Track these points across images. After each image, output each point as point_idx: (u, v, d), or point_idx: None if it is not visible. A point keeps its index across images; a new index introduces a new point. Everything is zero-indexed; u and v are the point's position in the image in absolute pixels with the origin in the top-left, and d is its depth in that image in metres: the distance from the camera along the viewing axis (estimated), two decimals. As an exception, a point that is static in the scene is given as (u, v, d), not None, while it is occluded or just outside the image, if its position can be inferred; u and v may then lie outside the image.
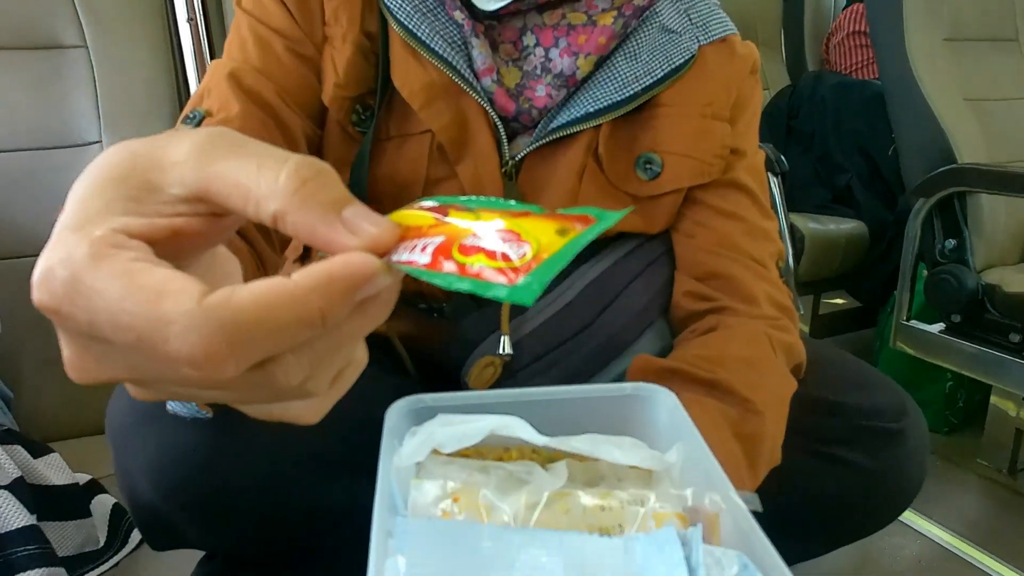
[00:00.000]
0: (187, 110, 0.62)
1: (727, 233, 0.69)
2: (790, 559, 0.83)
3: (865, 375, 0.72)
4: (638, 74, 0.64)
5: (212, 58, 1.37)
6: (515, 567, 0.27)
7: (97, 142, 1.14)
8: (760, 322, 0.66)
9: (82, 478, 0.84)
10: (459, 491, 0.34)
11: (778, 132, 2.07)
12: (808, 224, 1.80)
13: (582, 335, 0.67)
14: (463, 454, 0.39)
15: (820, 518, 0.69)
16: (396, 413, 0.39)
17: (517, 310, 0.68)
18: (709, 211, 0.70)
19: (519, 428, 0.37)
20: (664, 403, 0.44)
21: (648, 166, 0.67)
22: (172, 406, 0.50)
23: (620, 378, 0.64)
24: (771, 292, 0.69)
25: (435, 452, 0.37)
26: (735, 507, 0.35)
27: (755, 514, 0.59)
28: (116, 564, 0.77)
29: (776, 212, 0.84)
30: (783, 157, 1.52)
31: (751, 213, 0.70)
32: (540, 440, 0.37)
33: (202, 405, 0.48)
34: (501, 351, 0.65)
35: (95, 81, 1.15)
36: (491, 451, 0.40)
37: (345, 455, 0.55)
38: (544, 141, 0.65)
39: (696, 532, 0.29)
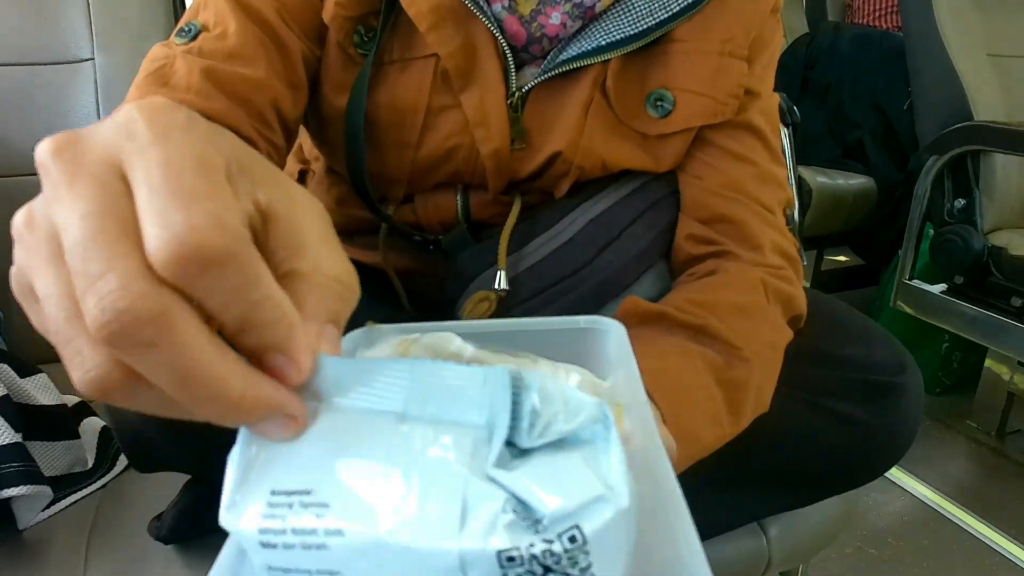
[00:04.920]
0: (183, 22, 0.60)
1: (736, 176, 0.67)
2: (774, 509, 0.84)
3: (865, 329, 0.71)
4: (653, 8, 0.61)
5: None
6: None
7: (90, 59, 1.10)
8: (760, 270, 0.65)
9: (71, 400, 0.83)
10: None
11: (792, 83, 2.02)
12: (816, 178, 1.77)
13: (581, 273, 0.65)
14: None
15: (808, 469, 0.69)
16: (351, 341, 0.38)
17: (515, 245, 0.66)
18: (719, 152, 0.67)
19: (450, 340, 0.36)
20: (613, 336, 0.43)
21: (659, 103, 0.64)
22: None
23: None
24: (777, 239, 0.67)
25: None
26: (649, 434, 0.34)
27: (737, 463, 0.59)
28: (104, 486, 0.77)
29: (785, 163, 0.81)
30: (795, 108, 1.48)
31: (762, 157, 0.68)
32: (469, 351, 0.36)
33: None
34: (497, 286, 0.64)
35: (88, -4, 1.11)
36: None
37: None
38: (553, 73, 0.62)
39: (537, 374, 0.25)
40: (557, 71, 0.62)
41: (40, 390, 0.77)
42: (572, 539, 0.22)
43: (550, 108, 0.64)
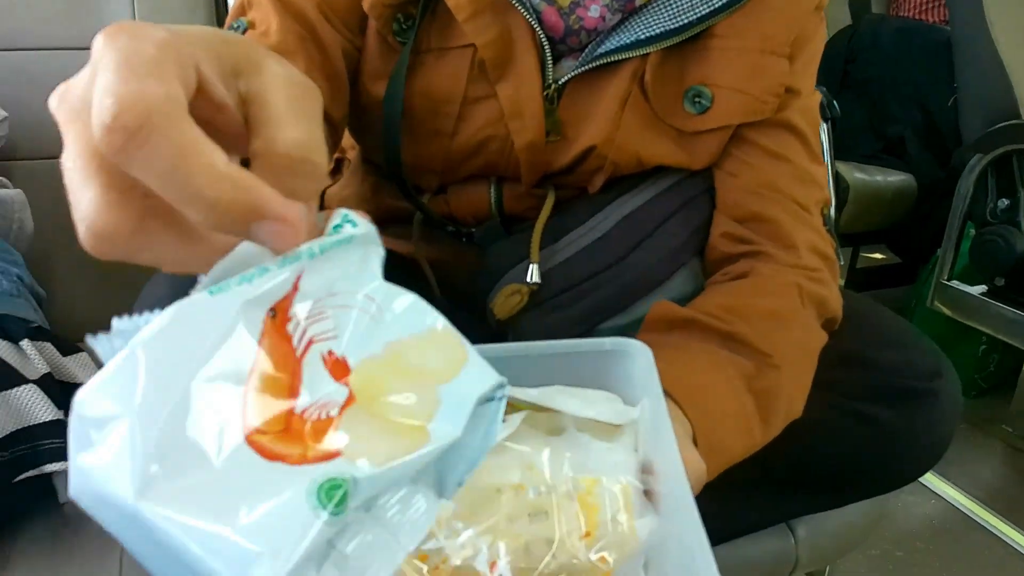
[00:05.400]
0: (231, 18, 0.61)
1: (773, 175, 0.66)
2: (803, 510, 0.83)
3: (901, 332, 0.70)
4: (694, 3, 0.60)
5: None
6: None
7: (132, 45, 1.13)
8: (795, 271, 0.64)
9: (109, 378, 0.85)
10: None
11: (833, 76, 1.98)
12: (854, 174, 1.73)
13: (613, 269, 0.65)
14: None
15: (840, 472, 0.68)
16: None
17: (549, 239, 0.66)
18: (756, 150, 0.66)
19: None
20: (639, 359, 0.42)
21: (697, 100, 0.64)
22: None
23: (643, 318, 0.62)
24: (813, 240, 0.66)
25: None
26: (674, 474, 0.35)
27: (766, 465, 0.58)
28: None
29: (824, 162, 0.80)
30: (835, 102, 1.45)
31: (800, 156, 0.67)
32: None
33: None
34: (529, 279, 0.64)
35: (131, -18, 1.13)
36: None
37: None
38: (590, 66, 0.62)
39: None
40: (595, 64, 0.61)
41: (81, 368, 0.79)
42: None
43: (586, 101, 0.63)
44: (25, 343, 0.72)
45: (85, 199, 0.21)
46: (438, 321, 0.26)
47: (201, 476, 0.21)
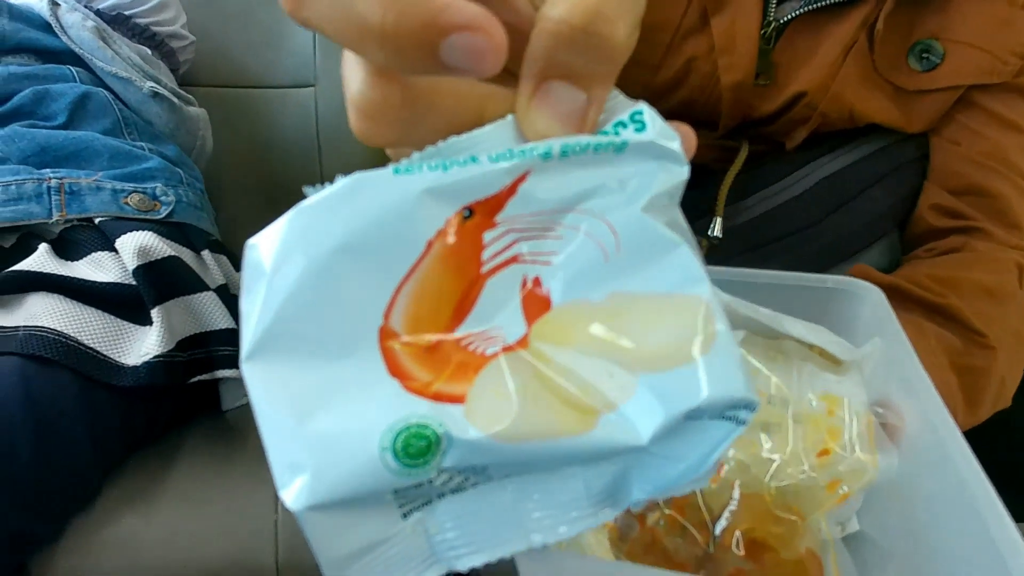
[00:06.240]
0: None
1: (1002, 145, 0.59)
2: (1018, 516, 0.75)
3: None
4: None
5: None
6: None
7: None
8: (1017, 252, 0.58)
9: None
10: None
11: None
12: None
13: (805, 233, 0.61)
14: None
15: None
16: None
17: (736, 194, 0.62)
18: (985, 116, 0.60)
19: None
20: (869, 300, 0.39)
21: (925, 55, 0.58)
22: None
23: None
24: (1040, 220, 0.60)
25: None
26: (939, 417, 0.30)
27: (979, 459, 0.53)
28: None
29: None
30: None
31: (1036, 127, 0.60)
32: (720, 297, 0.32)
33: None
34: (711, 233, 0.60)
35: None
36: None
37: None
38: (817, 5, 0.57)
39: None
40: (823, 2, 0.57)
41: (249, 285, 0.82)
42: None
43: (806, 45, 0.59)
44: (206, 253, 0.75)
45: (353, 82, 0.19)
46: (702, 289, 0.19)
47: (310, 363, 0.18)
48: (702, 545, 0.32)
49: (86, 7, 0.85)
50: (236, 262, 0.81)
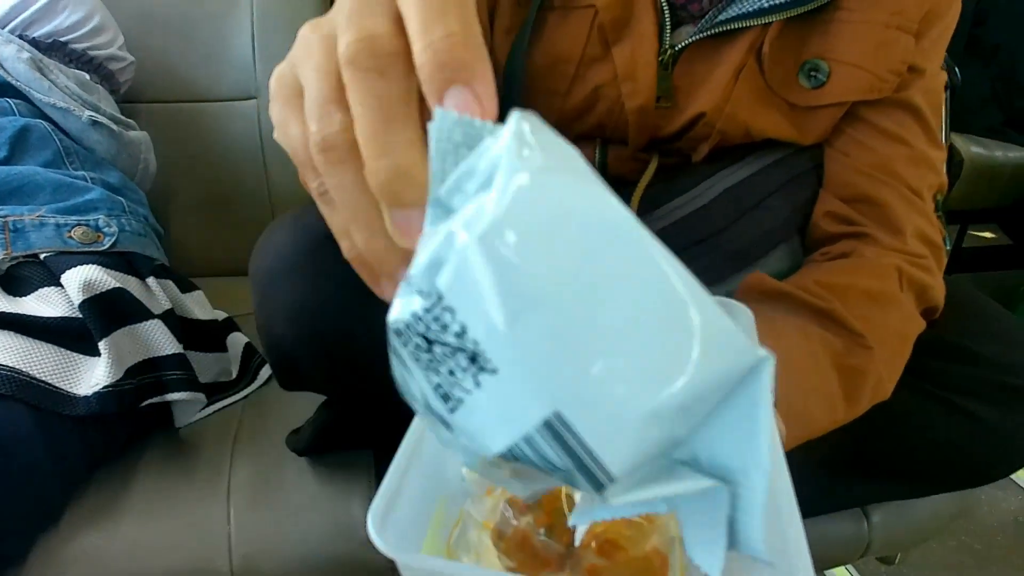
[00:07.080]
0: None
1: (887, 156, 0.64)
2: (882, 497, 0.81)
3: (1007, 328, 0.67)
4: None
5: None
6: None
7: (249, -8, 1.16)
8: (898, 256, 0.62)
9: (220, 315, 0.91)
10: None
11: (956, 40, 1.84)
12: (971, 148, 1.63)
13: (711, 241, 0.65)
14: None
15: (925, 463, 0.67)
16: None
17: (649, 205, 0.66)
18: (871, 130, 0.64)
19: None
20: (740, 320, 0.42)
21: (813, 74, 0.62)
22: None
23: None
24: (922, 226, 0.64)
25: None
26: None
27: (849, 447, 0.57)
28: (246, 396, 0.85)
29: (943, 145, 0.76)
30: (956, 69, 1.36)
31: (917, 139, 0.64)
32: None
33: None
34: None
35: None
36: None
37: None
38: (709, 33, 0.61)
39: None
40: (715, 31, 0.61)
41: (198, 306, 0.85)
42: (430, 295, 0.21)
43: (701, 69, 0.63)
44: (151, 280, 0.78)
45: (399, 146, 0.22)
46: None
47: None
48: (565, 545, 0.37)
49: (21, 37, 0.86)
50: (182, 285, 0.84)
